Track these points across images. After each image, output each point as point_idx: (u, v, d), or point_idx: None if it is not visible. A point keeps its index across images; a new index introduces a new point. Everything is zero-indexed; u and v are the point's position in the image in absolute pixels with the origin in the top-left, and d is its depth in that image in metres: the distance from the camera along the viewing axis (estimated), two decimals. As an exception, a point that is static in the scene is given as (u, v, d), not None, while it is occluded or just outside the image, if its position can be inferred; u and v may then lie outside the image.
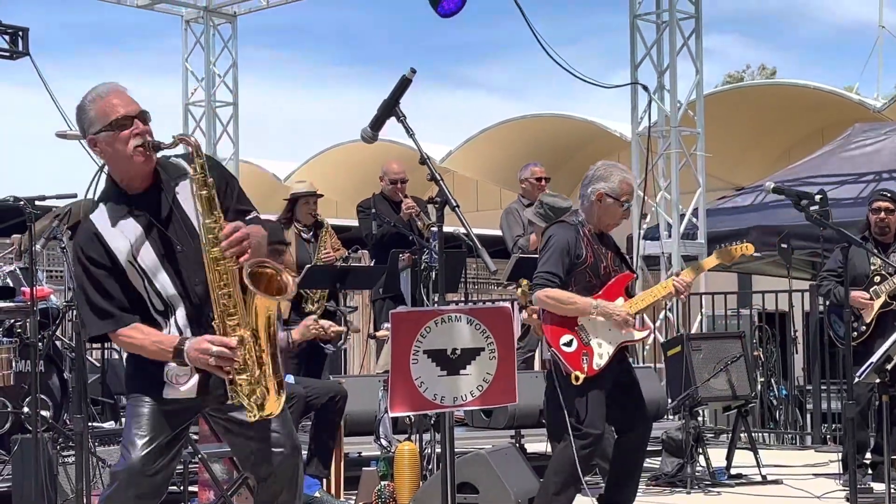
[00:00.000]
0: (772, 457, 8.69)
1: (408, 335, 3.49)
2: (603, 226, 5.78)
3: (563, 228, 5.73)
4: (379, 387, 7.15)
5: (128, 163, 3.84)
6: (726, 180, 19.77)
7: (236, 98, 14.50)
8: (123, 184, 3.89)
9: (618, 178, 5.74)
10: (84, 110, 3.89)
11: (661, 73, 11.85)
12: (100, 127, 3.84)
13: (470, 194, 23.80)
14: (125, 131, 3.82)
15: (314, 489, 6.62)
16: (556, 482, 5.56)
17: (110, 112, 3.83)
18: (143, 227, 3.86)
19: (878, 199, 7.48)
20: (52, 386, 6.93)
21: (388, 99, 3.99)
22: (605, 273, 5.70)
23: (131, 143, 3.82)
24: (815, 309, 10.07)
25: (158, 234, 3.86)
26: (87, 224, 3.91)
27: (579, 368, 5.55)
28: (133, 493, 3.81)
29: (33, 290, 5.73)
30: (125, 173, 3.88)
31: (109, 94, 3.87)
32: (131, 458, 3.81)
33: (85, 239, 3.87)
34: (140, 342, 3.84)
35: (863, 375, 5.45)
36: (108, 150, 3.86)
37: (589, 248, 5.68)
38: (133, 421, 3.86)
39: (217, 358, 3.72)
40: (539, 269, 5.71)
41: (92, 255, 3.84)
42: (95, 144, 3.88)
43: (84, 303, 3.89)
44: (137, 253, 3.83)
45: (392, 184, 8.84)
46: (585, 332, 5.61)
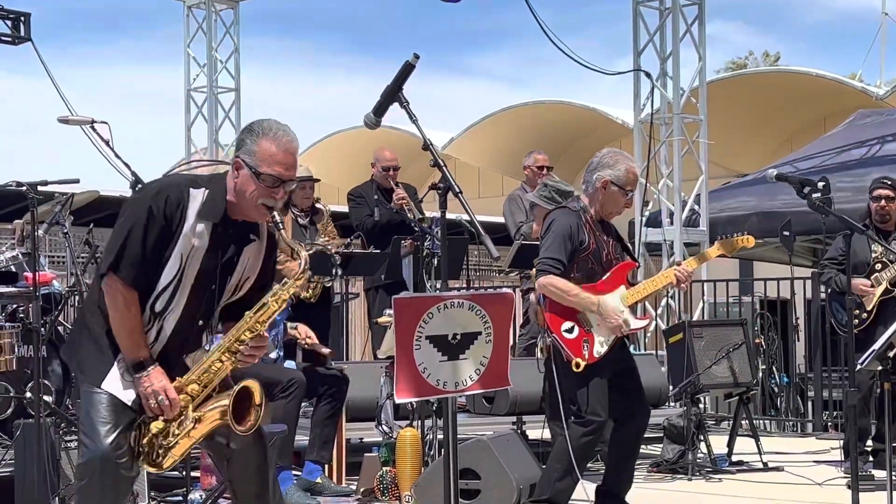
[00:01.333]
0: (773, 444, 8.70)
1: (411, 321, 3.49)
2: (605, 213, 5.77)
3: (566, 214, 5.72)
4: (381, 373, 7.15)
5: (245, 205, 3.85)
6: (728, 168, 19.76)
7: (238, 84, 14.48)
8: (227, 204, 3.88)
9: (623, 166, 5.74)
10: (253, 135, 3.86)
11: (663, 59, 11.84)
12: (254, 164, 3.81)
13: (472, 181, 23.79)
14: (268, 187, 3.81)
15: (316, 475, 6.64)
16: (558, 468, 5.57)
17: (272, 163, 3.81)
18: (211, 246, 3.86)
19: (879, 186, 7.47)
20: (55, 371, 6.94)
21: (392, 85, 3.98)
22: (607, 260, 5.70)
23: (261, 200, 3.82)
24: (816, 296, 10.07)
25: (213, 261, 3.87)
26: (182, 192, 3.84)
27: (580, 355, 5.55)
28: (109, 482, 3.79)
29: (36, 276, 5.73)
30: (236, 207, 3.88)
31: (281, 145, 3.84)
32: (99, 447, 3.78)
33: (174, 200, 3.82)
34: (123, 317, 3.82)
35: (864, 363, 5.45)
36: (241, 183, 3.84)
37: (591, 234, 5.68)
38: (91, 410, 3.83)
39: (157, 405, 3.79)
40: (542, 255, 5.69)
41: (167, 214, 3.79)
42: (237, 168, 3.85)
43: (119, 239, 3.81)
44: (190, 260, 3.84)
45: (384, 171, 8.80)
46: (587, 320, 5.61)
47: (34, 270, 5.77)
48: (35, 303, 5.71)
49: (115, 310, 3.83)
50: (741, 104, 19.83)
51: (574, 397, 5.57)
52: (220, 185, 3.89)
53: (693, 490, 6.93)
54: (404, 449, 6.51)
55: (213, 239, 3.86)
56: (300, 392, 6.40)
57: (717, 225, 12.25)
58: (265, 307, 3.84)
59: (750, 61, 38.96)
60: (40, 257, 6.00)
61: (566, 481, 5.56)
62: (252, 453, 3.97)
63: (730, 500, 6.34)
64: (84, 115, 7.01)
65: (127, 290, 3.82)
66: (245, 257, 3.95)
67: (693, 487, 7.04)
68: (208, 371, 3.85)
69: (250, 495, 4.01)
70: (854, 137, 13.27)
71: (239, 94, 14.49)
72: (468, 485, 6.00)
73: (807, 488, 6.98)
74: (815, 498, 6.55)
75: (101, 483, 3.78)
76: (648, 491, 6.62)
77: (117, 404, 3.84)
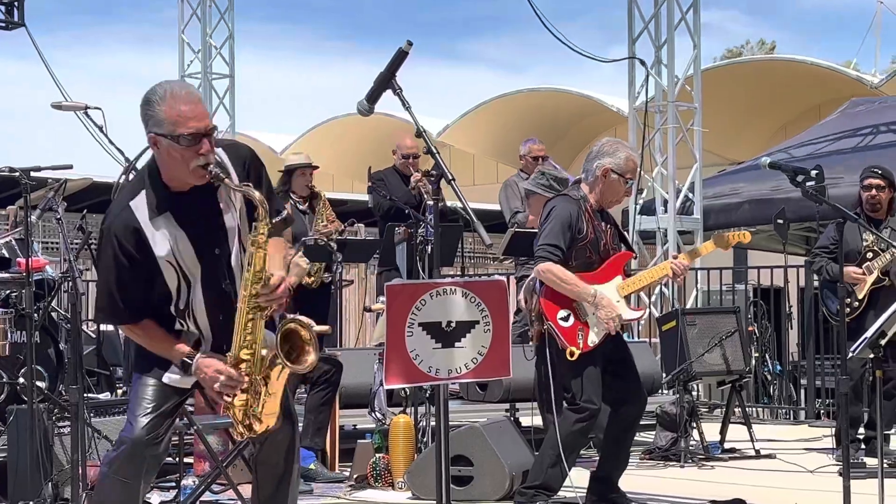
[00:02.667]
0: (765, 431, 8.72)
1: (403, 308, 3.49)
2: (605, 202, 5.77)
3: (566, 201, 5.73)
4: (374, 360, 7.16)
5: (183, 174, 3.78)
6: (722, 156, 19.78)
7: (233, 70, 14.46)
8: (167, 181, 3.82)
9: (623, 154, 5.74)
10: (152, 106, 3.76)
11: (658, 47, 11.84)
12: (166, 133, 3.72)
13: (467, 168, 23.78)
14: (191, 149, 3.72)
15: (309, 461, 6.64)
16: (551, 454, 5.59)
17: (180, 123, 3.70)
18: (184, 226, 3.82)
19: (870, 176, 7.46)
20: (48, 357, 6.94)
21: (385, 71, 3.98)
22: (604, 250, 5.71)
23: (194, 162, 3.73)
24: (810, 285, 10.09)
25: (196, 234, 3.84)
26: (126, 214, 3.80)
27: (574, 344, 5.56)
28: (138, 463, 3.84)
29: (29, 261, 5.72)
30: (175, 179, 3.81)
31: (182, 100, 3.73)
32: (135, 429, 3.83)
33: (123, 229, 3.79)
34: (147, 341, 3.89)
35: (856, 351, 5.46)
36: (167, 156, 3.76)
37: (590, 223, 5.68)
38: (139, 394, 3.89)
39: (221, 385, 3.77)
40: (541, 241, 5.70)
41: (127, 248, 3.77)
42: (155, 143, 3.77)
43: (103, 290, 3.86)
44: (179, 254, 3.82)
45: (404, 158, 8.83)
46: (582, 309, 5.62)
47: (27, 256, 5.76)
48: (28, 288, 5.70)
49: (137, 339, 3.92)
50: (736, 92, 19.84)
51: (568, 385, 5.58)
52: (153, 172, 3.84)
53: (685, 477, 6.95)
54: (397, 435, 6.53)
55: (181, 220, 3.81)
56: (294, 378, 6.40)
57: (711, 213, 12.28)
58: (251, 255, 3.79)
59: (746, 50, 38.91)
60: (33, 243, 5.99)
61: (559, 467, 5.58)
62: (283, 437, 3.98)
63: (722, 487, 6.36)
64: (78, 101, 6.99)
65: (136, 327, 3.89)
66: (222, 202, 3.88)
67: (685, 474, 7.06)
68: (246, 334, 3.81)
69: (275, 477, 4.02)
70: (848, 125, 13.28)
71: (233, 81, 14.47)
72: (461, 471, 6.01)
73: (799, 475, 7.00)
74: (806, 485, 6.57)
75: (129, 462, 3.84)
76: (641, 478, 6.64)
77: (163, 391, 3.87)
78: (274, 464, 4.00)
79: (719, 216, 12.50)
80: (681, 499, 6.07)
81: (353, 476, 6.65)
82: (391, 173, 8.88)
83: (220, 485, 5.93)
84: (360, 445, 6.80)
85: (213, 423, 5.60)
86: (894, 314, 5.45)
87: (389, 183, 8.67)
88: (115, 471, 3.87)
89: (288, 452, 4.01)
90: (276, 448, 3.98)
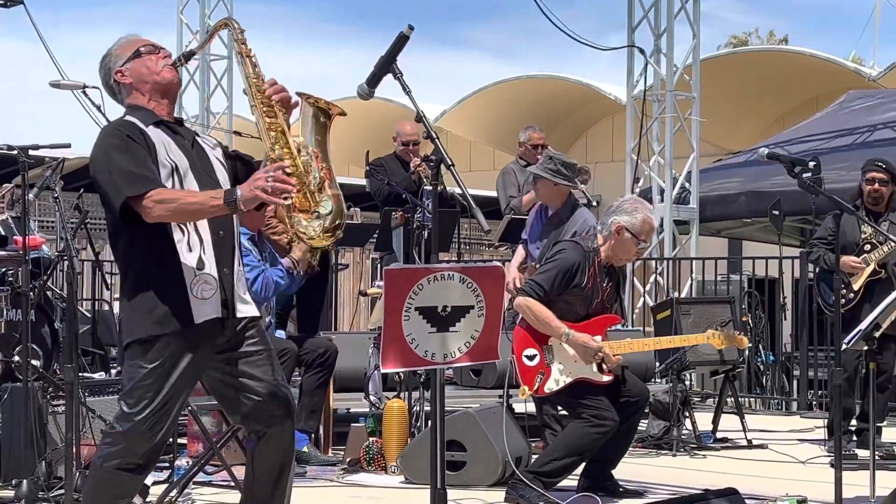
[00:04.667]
0: (758, 422, 8.75)
1: (401, 292, 3.50)
2: (615, 259, 5.78)
3: (576, 251, 5.73)
4: (369, 344, 7.18)
5: (156, 81, 3.92)
6: (719, 146, 19.77)
7: (231, 52, 14.39)
8: (147, 105, 3.92)
9: (641, 216, 5.73)
10: (109, 54, 3.99)
11: (657, 36, 11.83)
12: (126, 58, 3.94)
13: (464, 154, 23.75)
14: (152, 55, 3.94)
15: (302, 444, 6.65)
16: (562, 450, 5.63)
17: (136, 44, 3.97)
18: (174, 139, 3.88)
19: (873, 169, 7.43)
20: (43, 335, 6.94)
21: (385, 56, 3.97)
22: (594, 309, 5.74)
23: (160, 63, 3.94)
24: (804, 276, 10.11)
25: (184, 146, 3.89)
26: (119, 121, 3.89)
27: (530, 385, 5.62)
28: (132, 455, 3.81)
29: (25, 239, 5.72)
30: (153, 95, 3.92)
31: (133, 37, 4.01)
32: (133, 417, 3.77)
33: (125, 124, 3.85)
34: (180, 199, 3.72)
35: (851, 342, 5.48)
36: (136, 74, 3.93)
37: (592, 279, 5.69)
38: (135, 379, 3.79)
39: (274, 181, 3.60)
40: (533, 277, 5.78)
41: (133, 136, 3.80)
42: (122, 76, 3.94)
43: (111, 171, 3.74)
44: (172, 157, 3.83)
45: (404, 145, 8.82)
46: (551, 354, 5.65)
47: (24, 234, 5.76)
48: (24, 266, 5.70)
49: (171, 203, 3.72)
50: (734, 82, 19.82)
51: (580, 405, 5.61)
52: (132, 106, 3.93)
53: (677, 466, 6.97)
54: (391, 420, 6.54)
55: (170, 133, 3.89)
56: (291, 362, 6.43)
57: (708, 204, 12.29)
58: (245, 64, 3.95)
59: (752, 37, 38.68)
60: (30, 221, 5.99)
61: (566, 462, 5.60)
62: (284, 433, 3.95)
63: (714, 476, 6.38)
64: (76, 80, 6.99)
65: (165, 192, 3.73)
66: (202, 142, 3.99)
67: (677, 463, 7.08)
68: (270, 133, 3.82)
69: (272, 474, 3.99)
70: (845, 118, 13.28)
71: (231, 63, 14.42)
72: (454, 456, 6.03)
73: (790, 466, 7.03)
74: (798, 475, 6.59)
75: (124, 456, 3.81)
76: (633, 466, 6.66)
77: (160, 377, 3.79)
78: (273, 460, 3.97)
79: (717, 207, 12.52)
80: (672, 487, 6.09)
81: (347, 459, 6.67)
82: (391, 159, 8.87)
83: (213, 466, 5.94)
84: (353, 429, 6.82)
85: (207, 403, 5.62)
86: (889, 306, 5.48)
87: (389, 169, 8.67)
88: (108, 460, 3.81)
89: (288, 450, 3.99)
90: (276, 444, 3.95)
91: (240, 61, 3.95)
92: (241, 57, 3.94)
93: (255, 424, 3.93)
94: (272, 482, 3.97)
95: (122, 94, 3.98)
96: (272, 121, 3.83)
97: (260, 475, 3.99)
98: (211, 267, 3.82)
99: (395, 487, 6.15)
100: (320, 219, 3.73)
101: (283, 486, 3.99)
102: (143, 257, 3.81)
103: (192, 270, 3.79)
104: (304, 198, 3.73)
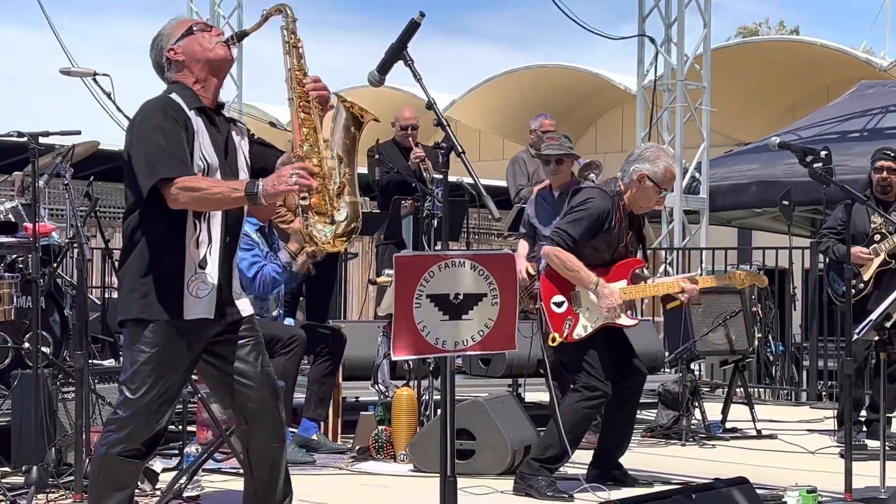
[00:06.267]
0: (767, 412, 8.74)
1: (411, 280, 3.49)
2: (636, 206, 5.75)
3: (603, 198, 5.70)
4: (378, 332, 7.17)
5: (209, 58, 3.91)
6: (729, 136, 19.74)
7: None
8: (193, 86, 3.91)
9: (663, 164, 5.71)
10: (161, 34, 3.98)
11: (668, 25, 11.80)
12: (178, 35, 3.94)
13: (473, 144, 23.74)
14: (205, 32, 3.95)
15: (312, 432, 6.66)
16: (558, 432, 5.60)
17: (187, 23, 3.98)
18: (210, 132, 3.88)
19: (882, 158, 7.42)
20: (53, 322, 6.94)
21: (396, 43, 3.95)
22: (620, 252, 5.71)
23: (213, 39, 3.94)
24: (814, 266, 10.08)
25: (215, 140, 3.89)
26: (169, 97, 3.87)
27: (559, 331, 5.59)
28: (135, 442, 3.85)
29: (35, 226, 5.72)
30: (203, 73, 3.91)
31: (185, 18, 4.06)
32: (138, 399, 3.80)
33: (170, 101, 3.84)
34: (205, 188, 3.73)
35: (862, 332, 5.46)
36: (188, 51, 3.93)
37: (618, 223, 5.68)
38: (137, 361, 3.82)
39: (298, 178, 3.66)
40: (561, 225, 5.70)
41: (174, 116, 3.80)
42: (174, 54, 3.93)
43: (150, 148, 3.74)
44: (203, 147, 3.84)
45: (403, 130, 8.81)
46: (578, 300, 5.63)
47: (34, 221, 5.76)
48: (34, 253, 5.70)
49: (195, 191, 3.73)
50: (745, 72, 19.78)
51: (575, 368, 5.60)
52: (177, 83, 3.93)
53: (687, 455, 6.96)
54: (400, 408, 6.54)
55: (207, 123, 3.89)
56: (300, 350, 6.43)
57: (719, 194, 12.26)
58: (290, 46, 3.91)
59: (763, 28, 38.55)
60: (40, 209, 5.98)
61: (566, 441, 5.59)
62: (275, 419, 4.00)
63: (723, 466, 6.37)
64: (86, 67, 6.98)
65: (191, 180, 3.74)
66: (234, 136, 3.98)
67: (687, 453, 7.08)
68: (303, 130, 3.83)
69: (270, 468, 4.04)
70: (856, 108, 13.24)
71: (241, 51, 14.39)
72: (462, 445, 6.03)
73: (800, 456, 7.02)
74: (807, 466, 6.58)
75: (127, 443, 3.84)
76: (642, 455, 6.66)
77: (163, 361, 3.82)
78: (267, 443, 4.01)
79: (727, 197, 12.49)
80: (682, 476, 6.08)
81: (356, 448, 6.67)
82: (390, 146, 8.85)
83: (222, 453, 5.95)
84: (362, 417, 6.82)
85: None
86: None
87: (388, 157, 8.65)
88: (112, 447, 3.85)
89: (280, 432, 4.02)
90: (269, 427, 3.99)
91: (286, 51, 3.91)
92: (289, 47, 3.91)
93: (246, 410, 3.96)
94: (269, 465, 4.01)
95: (170, 71, 3.96)
96: (306, 116, 3.85)
97: (256, 461, 4.03)
98: (213, 268, 3.85)
99: (405, 475, 6.16)
100: (334, 224, 3.76)
101: (279, 468, 4.03)
102: (153, 239, 3.82)
103: (195, 266, 3.82)
104: (323, 200, 3.77)
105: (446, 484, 3.64)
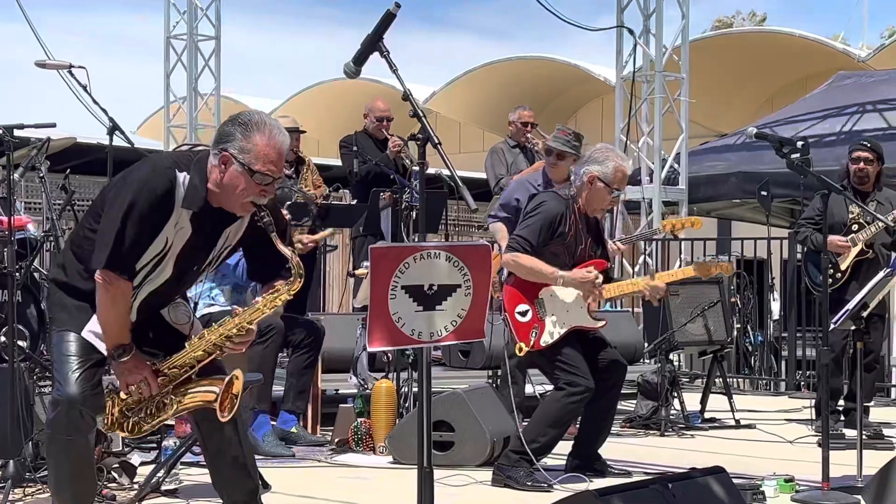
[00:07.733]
0: (746, 402, 8.77)
1: (387, 271, 3.48)
2: (589, 208, 5.76)
3: (556, 200, 5.71)
4: (357, 325, 7.16)
5: (231, 200, 3.82)
6: (708, 127, 19.78)
7: (219, 32, 14.33)
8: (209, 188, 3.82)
9: (613, 164, 5.70)
10: (246, 129, 3.78)
11: (647, 16, 11.80)
12: (246, 161, 3.75)
13: (453, 136, 23.74)
14: (257, 186, 3.77)
15: (290, 424, 6.65)
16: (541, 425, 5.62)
17: (260, 159, 3.75)
18: (194, 230, 3.85)
19: (858, 149, 7.47)
20: (30, 316, 6.91)
21: (372, 34, 3.93)
22: (580, 256, 5.72)
23: (250, 196, 3.79)
24: (793, 256, 10.12)
25: (194, 245, 3.89)
26: (170, 180, 3.78)
27: (525, 341, 5.60)
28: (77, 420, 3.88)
29: (11, 219, 5.69)
30: (217, 197, 3.83)
31: (272, 141, 3.77)
32: (67, 387, 3.86)
33: (162, 190, 3.76)
34: (115, 310, 3.84)
35: (838, 322, 5.49)
36: (230, 179, 3.78)
37: (574, 226, 5.68)
38: (63, 351, 3.90)
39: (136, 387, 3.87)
40: (517, 232, 5.74)
41: (156, 209, 3.75)
42: (224, 161, 3.77)
43: (115, 237, 3.75)
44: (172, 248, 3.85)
45: (377, 121, 8.79)
46: (543, 308, 5.64)
47: (9, 215, 5.72)
48: (10, 247, 5.67)
49: (110, 304, 3.84)
50: (723, 63, 19.83)
51: (556, 370, 5.60)
52: (202, 171, 3.82)
53: (666, 445, 6.98)
54: (379, 401, 6.54)
55: (195, 223, 3.85)
56: (278, 338, 6.41)
57: (699, 185, 12.27)
58: (256, 310, 3.88)
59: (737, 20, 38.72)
60: (16, 202, 5.94)
61: (549, 436, 5.61)
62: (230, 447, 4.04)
63: (702, 455, 6.39)
64: (62, 60, 6.94)
65: (124, 284, 3.84)
66: (225, 234, 3.97)
67: (666, 443, 7.10)
68: (190, 360, 3.92)
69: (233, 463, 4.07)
70: (834, 99, 13.27)
71: (219, 43, 14.35)
72: (442, 437, 6.03)
73: (778, 446, 7.05)
74: (785, 455, 6.61)
75: (67, 419, 3.88)
76: (621, 446, 6.67)
77: (87, 345, 3.90)
78: (226, 451, 4.04)
79: (707, 188, 12.51)
80: (661, 466, 6.10)
81: (335, 440, 6.66)
82: (362, 137, 8.84)
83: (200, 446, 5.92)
84: (341, 410, 6.81)
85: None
86: (876, 286, 5.48)
87: (363, 147, 8.64)
88: (58, 431, 3.92)
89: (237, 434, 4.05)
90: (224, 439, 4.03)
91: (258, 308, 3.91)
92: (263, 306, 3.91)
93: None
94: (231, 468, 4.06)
95: (214, 155, 3.80)
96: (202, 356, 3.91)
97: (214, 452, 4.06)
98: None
99: (384, 468, 6.15)
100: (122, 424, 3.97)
101: (244, 469, 4.06)
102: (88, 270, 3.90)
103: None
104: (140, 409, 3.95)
105: (423, 475, 3.63)
